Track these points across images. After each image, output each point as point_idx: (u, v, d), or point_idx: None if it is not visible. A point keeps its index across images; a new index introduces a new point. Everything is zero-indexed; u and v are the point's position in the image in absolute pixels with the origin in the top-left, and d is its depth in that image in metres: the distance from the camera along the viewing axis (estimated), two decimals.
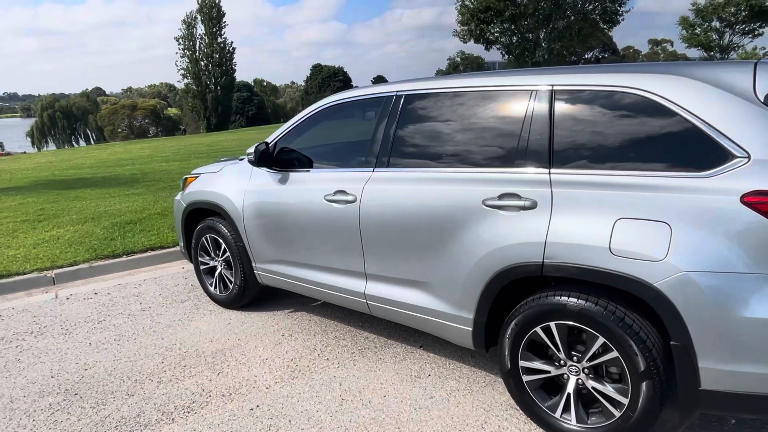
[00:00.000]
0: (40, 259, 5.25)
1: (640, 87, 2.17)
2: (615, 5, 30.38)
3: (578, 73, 2.36)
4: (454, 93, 2.70)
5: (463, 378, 2.98)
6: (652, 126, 2.12)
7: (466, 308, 2.59)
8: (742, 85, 2.00)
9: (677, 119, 2.06)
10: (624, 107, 2.20)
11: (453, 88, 2.70)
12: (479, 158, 2.54)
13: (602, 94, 2.26)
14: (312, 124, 3.44)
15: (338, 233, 3.07)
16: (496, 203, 2.40)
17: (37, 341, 3.74)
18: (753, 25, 34.80)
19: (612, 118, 2.22)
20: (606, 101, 2.24)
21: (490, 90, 2.57)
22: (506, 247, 2.35)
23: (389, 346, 3.40)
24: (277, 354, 3.37)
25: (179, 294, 4.54)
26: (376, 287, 3.00)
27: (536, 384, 2.46)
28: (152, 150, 19.12)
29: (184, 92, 63.47)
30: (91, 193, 8.54)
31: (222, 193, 3.80)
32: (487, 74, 2.66)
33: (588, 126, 2.26)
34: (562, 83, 2.35)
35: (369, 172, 2.96)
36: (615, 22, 31.13)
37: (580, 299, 2.21)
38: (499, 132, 2.51)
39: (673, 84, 2.12)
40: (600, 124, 2.24)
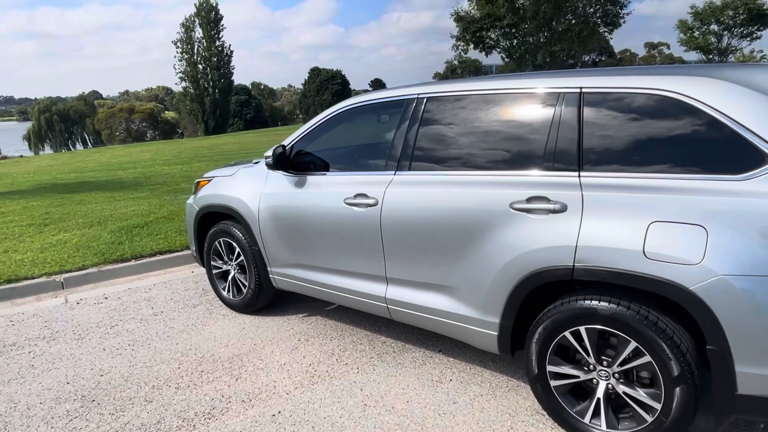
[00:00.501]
0: (48, 263, 5.21)
1: (670, 89, 2.15)
2: (616, 8, 30.52)
3: (607, 76, 2.35)
4: (478, 95, 2.68)
5: (486, 383, 2.96)
6: (685, 128, 2.10)
7: (492, 312, 2.57)
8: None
9: (711, 121, 2.04)
10: (655, 110, 2.18)
11: (478, 91, 2.68)
12: (506, 161, 2.52)
13: (632, 97, 2.24)
14: (329, 127, 3.42)
15: (358, 237, 3.04)
16: (524, 206, 2.38)
17: (50, 347, 3.70)
18: (751, 28, 35.02)
19: (643, 120, 2.20)
20: (636, 103, 2.23)
21: (516, 92, 2.55)
22: (535, 251, 2.33)
23: (408, 351, 3.37)
24: (295, 359, 3.34)
25: (191, 298, 4.51)
26: (398, 291, 2.98)
27: (564, 389, 2.44)
28: (153, 153, 19.06)
29: (182, 95, 63.45)
30: (95, 197, 8.49)
31: (237, 196, 3.77)
32: (512, 77, 2.65)
33: (618, 128, 2.24)
34: (591, 85, 2.34)
35: (390, 175, 2.94)
36: (616, 25, 31.27)
37: (611, 303, 2.19)
38: (526, 134, 2.49)
39: (705, 86, 2.10)
40: (631, 126, 2.22)
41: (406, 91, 3.01)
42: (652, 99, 2.19)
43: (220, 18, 59.49)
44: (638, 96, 2.22)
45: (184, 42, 59.57)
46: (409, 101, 2.95)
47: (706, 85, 2.11)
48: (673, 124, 2.13)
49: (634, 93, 2.24)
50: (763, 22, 33.90)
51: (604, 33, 31.83)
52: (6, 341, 3.83)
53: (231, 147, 20.07)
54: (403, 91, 3.02)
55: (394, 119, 3.07)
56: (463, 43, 32.10)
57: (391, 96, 3.09)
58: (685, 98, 2.11)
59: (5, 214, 7.49)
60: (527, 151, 2.46)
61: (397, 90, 3.08)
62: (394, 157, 2.94)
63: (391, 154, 2.97)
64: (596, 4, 30.65)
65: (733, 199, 1.94)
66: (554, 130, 2.38)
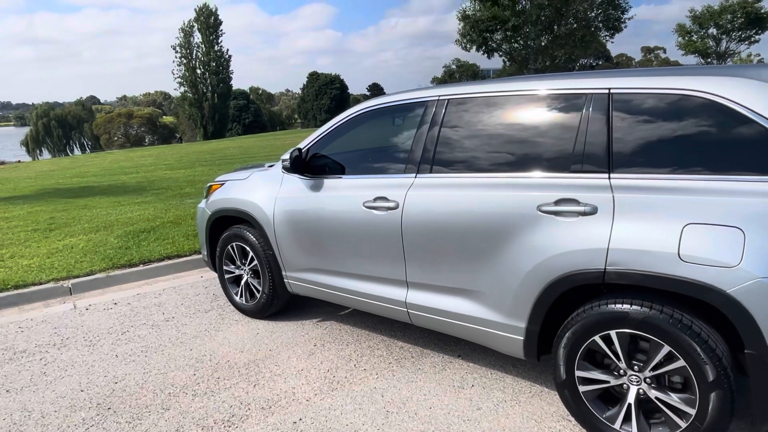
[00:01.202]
0: (55, 268, 5.15)
1: (702, 89, 2.13)
2: (617, 12, 30.65)
3: (635, 76, 2.32)
4: (502, 97, 2.65)
5: (508, 388, 2.91)
6: (718, 129, 2.07)
7: (518, 317, 2.53)
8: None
9: (744, 121, 2.01)
10: (686, 110, 2.15)
11: (502, 93, 2.66)
12: (532, 163, 2.48)
13: (662, 97, 2.21)
14: (346, 129, 3.39)
15: (378, 241, 3.01)
16: (553, 209, 2.35)
17: (61, 353, 3.64)
18: (749, 32, 35.23)
19: (674, 121, 2.17)
20: (667, 104, 2.20)
21: (542, 93, 2.52)
22: (564, 254, 2.29)
23: (426, 356, 3.33)
24: (312, 365, 3.29)
25: (202, 303, 4.46)
26: (419, 296, 2.94)
27: (593, 394, 2.40)
28: (154, 158, 19.01)
29: (180, 100, 63.47)
30: (99, 202, 8.43)
31: (251, 200, 3.73)
32: (537, 78, 2.62)
33: (649, 130, 2.21)
34: (620, 86, 2.31)
35: (411, 177, 2.90)
36: (618, 30, 31.41)
37: (643, 307, 2.16)
38: (552, 136, 2.45)
39: (736, 85, 2.08)
40: (661, 127, 2.19)
41: (426, 93, 2.98)
42: (683, 99, 2.16)
43: (219, 23, 59.61)
44: (668, 96, 2.20)
45: (183, 47, 59.65)
46: (430, 103, 2.92)
47: (737, 84, 2.08)
48: (705, 124, 2.10)
49: (664, 93, 2.21)
50: (761, 26, 34.11)
51: (606, 37, 31.97)
52: (16, 348, 3.77)
53: (232, 151, 20.03)
54: (424, 93, 2.99)
55: (412, 121, 3.04)
56: (468, 41, 32.14)
57: (411, 98, 3.05)
58: (717, 98, 2.08)
59: (10, 219, 7.43)
60: (554, 152, 2.43)
61: (417, 92, 3.04)
62: (415, 160, 2.91)
63: (411, 157, 2.93)
64: (598, 9, 30.79)
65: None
66: (582, 132, 2.35)
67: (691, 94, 2.15)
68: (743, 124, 2.02)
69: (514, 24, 29.72)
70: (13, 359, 3.60)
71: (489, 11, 29.95)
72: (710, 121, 2.09)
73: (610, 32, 31.71)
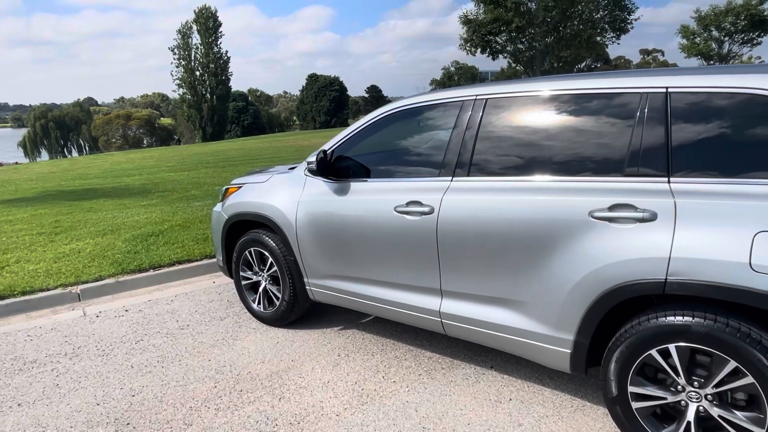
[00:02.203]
0: (63, 274, 5.00)
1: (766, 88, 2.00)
2: (624, 13, 30.61)
3: (694, 75, 2.19)
4: (548, 96, 2.51)
5: (548, 402, 2.77)
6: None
7: (566, 329, 2.39)
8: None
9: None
10: (752, 110, 2.02)
11: (547, 92, 2.52)
12: (582, 166, 2.35)
13: (726, 96, 2.08)
14: (374, 131, 3.25)
15: (411, 247, 2.87)
16: (607, 215, 2.21)
17: (74, 364, 3.49)
18: (752, 34, 35.24)
19: (739, 122, 2.04)
20: (731, 104, 2.07)
21: (593, 92, 2.39)
22: (620, 263, 2.16)
23: (457, 367, 3.19)
24: (338, 376, 3.15)
25: (217, 310, 4.31)
26: (454, 305, 2.80)
27: (647, 411, 2.26)
28: (156, 160, 18.83)
29: (179, 102, 63.31)
30: (104, 204, 8.27)
31: (272, 204, 3.59)
32: (587, 76, 2.49)
33: (712, 131, 2.08)
34: (679, 85, 2.18)
35: (446, 181, 2.77)
36: (624, 30, 31.38)
37: (707, 320, 2.02)
38: (605, 137, 2.32)
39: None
40: (726, 128, 2.06)
41: (461, 92, 2.85)
42: (748, 99, 2.03)
43: (218, 25, 59.47)
44: (733, 96, 2.06)
45: (182, 48, 59.50)
46: (466, 103, 2.79)
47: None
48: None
49: (728, 93, 2.08)
50: (764, 29, 34.15)
51: (612, 39, 31.95)
52: (26, 358, 3.62)
53: (234, 153, 19.87)
54: (458, 93, 2.86)
55: (446, 122, 2.90)
56: (471, 45, 32.12)
57: (443, 98, 2.92)
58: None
59: (13, 222, 7.26)
60: (607, 155, 2.30)
61: (450, 91, 2.91)
62: (450, 162, 2.77)
63: (446, 159, 2.80)
64: (604, 10, 30.75)
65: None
66: (638, 133, 2.22)
67: (756, 93, 2.02)
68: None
69: (517, 25, 29.69)
70: (23, 370, 3.45)
71: (492, 14, 29.93)
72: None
73: (616, 33, 31.69)
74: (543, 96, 2.53)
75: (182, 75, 59.54)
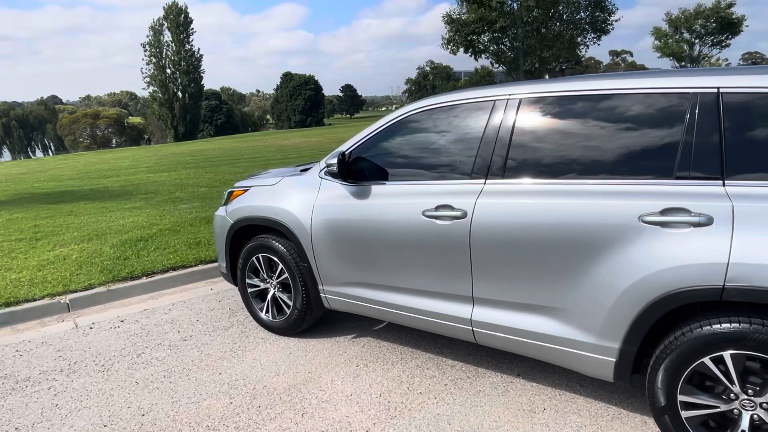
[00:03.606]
0: (49, 282, 4.71)
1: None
2: (604, 14, 31.21)
3: (746, 75, 2.14)
4: (590, 96, 2.43)
5: (583, 411, 2.70)
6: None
7: (611, 337, 2.31)
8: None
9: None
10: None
11: (589, 91, 2.44)
12: (630, 169, 2.27)
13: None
14: (394, 132, 3.12)
15: (440, 253, 2.75)
16: (658, 219, 2.14)
17: (72, 381, 3.26)
18: (721, 36, 36.51)
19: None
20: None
21: (639, 92, 2.31)
22: (674, 269, 2.08)
23: (483, 376, 3.09)
24: (361, 388, 3.01)
25: (219, 319, 4.11)
26: (487, 313, 2.69)
27: (697, 420, 2.20)
28: (131, 160, 18.23)
29: (150, 101, 61.77)
30: (85, 208, 7.89)
31: (284, 207, 3.42)
32: (632, 75, 2.41)
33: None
34: (731, 85, 2.12)
35: (479, 184, 2.66)
36: (605, 31, 31.99)
37: (765, 326, 1.96)
38: (653, 139, 2.25)
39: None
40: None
41: (492, 91, 2.75)
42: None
43: (189, 21, 58.22)
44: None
45: (152, 45, 58.02)
46: (499, 102, 2.68)
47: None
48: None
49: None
50: (732, 31, 35.43)
51: (593, 39, 32.53)
52: (17, 376, 3.36)
53: (213, 153, 19.39)
54: (489, 92, 2.75)
55: (475, 122, 2.79)
56: (454, 45, 32.24)
57: (473, 97, 2.81)
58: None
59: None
60: (656, 157, 2.22)
61: (480, 90, 2.80)
62: (483, 165, 2.67)
63: (478, 161, 2.69)
64: (585, 10, 31.29)
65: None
66: (689, 135, 2.15)
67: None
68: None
69: (501, 25, 29.96)
70: (16, 389, 3.20)
71: (475, 13, 30.10)
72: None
73: (596, 34, 32.29)
74: (585, 96, 2.44)
75: (153, 73, 58.07)
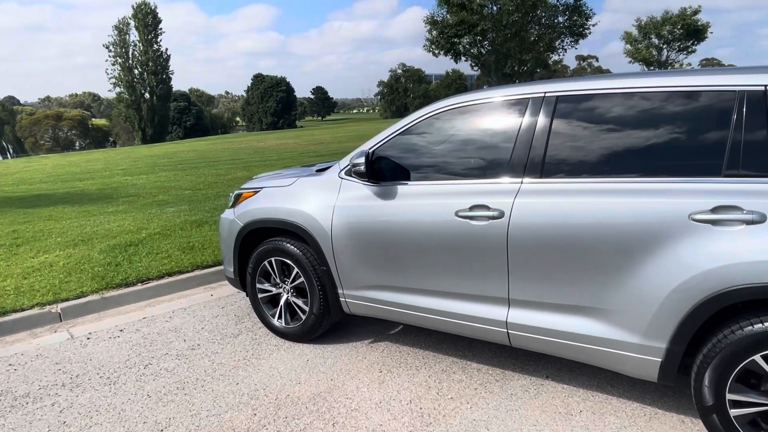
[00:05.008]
0: (37, 291, 4.44)
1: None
2: (582, 19, 31.91)
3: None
4: (632, 94, 2.40)
5: (620, 412, 2.67)
6: None
7: (657, 337, 2.29)
8: None
9: None
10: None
11: (628, 89, 2.41)
12: (676, 167, 2.25)
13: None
14: (421, 130, 3.04)
15: (475, 254, 2.68)
16: (709, 217, 2.12)
17: (77, 396, 3.05)
18: (687, 42, 38.01)
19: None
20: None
21: (679, 90, 2.30)
22: (727, 267, 2.07)
23: (511, 378, 3.03)
24: (389, 395, 2.91)
25: (226, 327, 3.94)
26: (524, 315, 2.64)
27: (746, 419, 2.19)
28: (104, 163, 17.58)
29: (116, 102, 59.96)
30: (65, 212, 7.52)
31: (301, 209, 3.30)
32: (672, 73, 2.40)
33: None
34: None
35: (516, 183, 2.60)
36: (583, 36, 32.74)
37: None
38: (701, 137, 2.24)
39: None
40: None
41: (525, 89, 2.70)
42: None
43: (158, 21, 56.86)
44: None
45: (118, 45, 56.41)
46: (534, 100, 2.64)
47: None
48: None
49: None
50: (698, 37, 36.96)
51: (571, 43, 33.22)
52: (15, 392, 3.13)
53: (188, 156, 18.89)
54: (522, 90, 2.71)
55: (508, 121, 2.74)
56: (436, 47, 32.42)
57: (505, 95, 2.76)
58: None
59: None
60: (704, 154, 2.21)
61: (513, 88, 2.76)
62: (519, 163, 2.61)
63: (513, 160, 2.64)
64: (563, 15, 31.94)
65: None
66: (738, 132, 2.15)
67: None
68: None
69: (483, 28, 30.29)
70: (15, 407, 2.97)
71: (457, 16, 30.33)
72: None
73: (574, 38, 33.02)
74: (627, 94, 2.42)
75: (119, 73, 56.46)
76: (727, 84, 2.22)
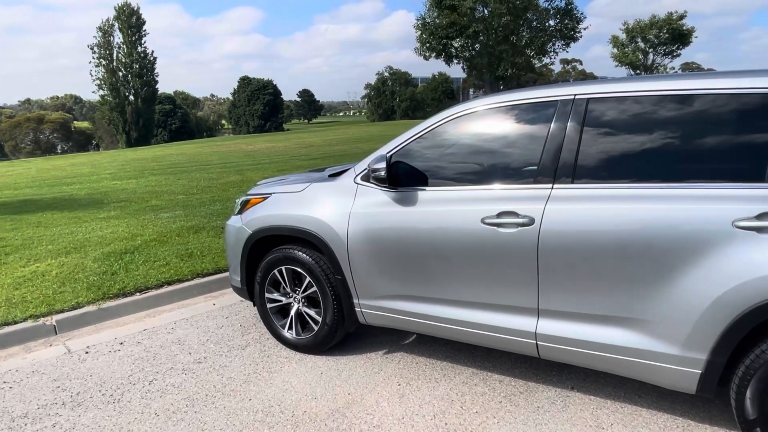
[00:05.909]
0: (29, 302, 4.24)
1: None
2: (573, 22, 32.17)
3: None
4: (667, 97, 2.32)
5: (652, 424, 2.59)
6: None
7: (697, 348, 2.21)
8: None
9: None
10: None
11: (663, 91, 2.33)
12: (717, 172, 2.18)
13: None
14: (443, 134, 2.93)
15: (503, 263, 2.58)
16: (755, 224, 2.05)
17: (79, 416, 2.88)
18: (672, 46, 38.68)
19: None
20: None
21: (723, 93, 2.22)
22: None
23: (535, 390, 2.94)
24: (411, 410, 2.80)
25: (232, 338, 3.79)
26: (555, 325, 2.54)
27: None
28: (90, 166, 17.18)
29: (100, 104, 58.99)
30: (54, 218, 7.27)
31: (314, 216, 3.17)
32: (705, 76, 2.32)
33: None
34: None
35: (546, 189, 2.51)
36: (574, 39, 33.03)
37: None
38: (743, 141, 2.17)
39: None
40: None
41: (554, 91, 2.61)
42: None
43: (142, 23, 56.11)
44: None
45: (102, 47, 55.52)
46: (564, 102, 2.55)
47: None
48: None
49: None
50: (683, 42, 37.64)
51: (562, 47, 33.46)
52: (13, 412, 2.95)
53: (178, 159, 18.57)
54: (551, 92, 2.62)
55: (536, 124, 2.65)
56: (428, 49, 32.43)
57: (533, 97, 2.66)
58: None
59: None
60: (746, 159, 2.14)
61: (541, 90, 2.67)
62: (549, 168, 2.52)
63: (542, 165, 2.54)
64: (554, 18, 32.17)
65: None
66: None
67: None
68: None
69: (474, 30, 30.36)
70: (14, 428, 2.80)
71: (448, 18, 30.35)
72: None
73: (566, 42, 33.28)
74: (658, 96, 2.34)
75: (103, 75, 55.55)
76: (764, 87, 2.15)
